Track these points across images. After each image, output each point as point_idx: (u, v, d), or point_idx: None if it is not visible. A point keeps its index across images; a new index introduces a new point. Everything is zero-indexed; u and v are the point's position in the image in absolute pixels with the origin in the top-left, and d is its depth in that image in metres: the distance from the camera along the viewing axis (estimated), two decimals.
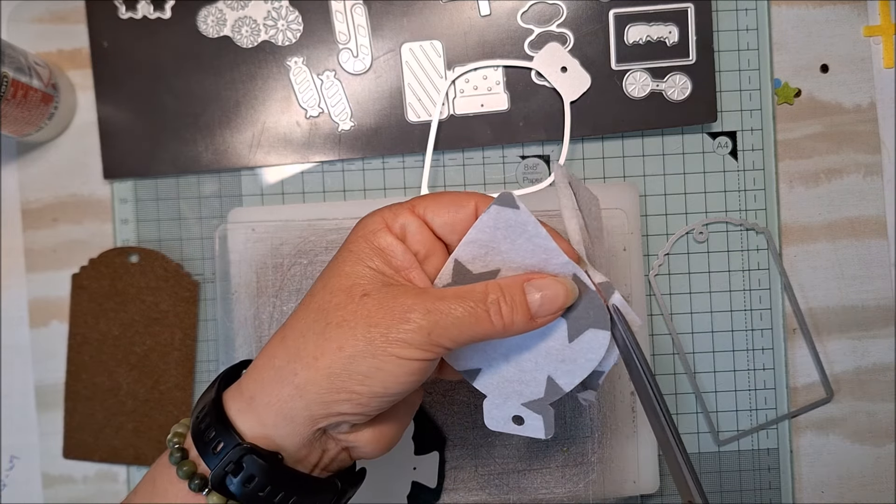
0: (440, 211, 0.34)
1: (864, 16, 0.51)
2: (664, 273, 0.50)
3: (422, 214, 0.34)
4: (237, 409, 0.32)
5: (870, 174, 0.51)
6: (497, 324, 0.31)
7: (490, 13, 0.49)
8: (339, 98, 0.50)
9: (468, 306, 0.31)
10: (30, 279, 0.51)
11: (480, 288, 0.32)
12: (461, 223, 0.34)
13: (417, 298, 0.31)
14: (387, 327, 0.30)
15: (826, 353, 0.51)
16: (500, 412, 0.35)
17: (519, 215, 0.32)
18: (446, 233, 0.34)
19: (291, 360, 0.32)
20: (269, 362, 0.32)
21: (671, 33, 0.49)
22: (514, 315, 0.31)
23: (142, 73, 0.50)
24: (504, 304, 0.31)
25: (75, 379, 0.50)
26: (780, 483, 0.50)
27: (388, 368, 0.30)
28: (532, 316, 0.32)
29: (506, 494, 0.48)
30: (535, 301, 0.32)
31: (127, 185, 0.51)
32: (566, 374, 0.33)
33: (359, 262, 0.32)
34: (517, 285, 0.32)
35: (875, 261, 0.51)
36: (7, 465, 0.51)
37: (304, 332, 0.32)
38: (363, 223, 0.34)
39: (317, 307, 0.32)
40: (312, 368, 0.31)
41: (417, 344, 0.30)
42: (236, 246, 0.48)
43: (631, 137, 0.50)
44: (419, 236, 0.33)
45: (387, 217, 0.34)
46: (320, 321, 0.32)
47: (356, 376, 0.31)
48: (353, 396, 0.31)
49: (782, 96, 0.50)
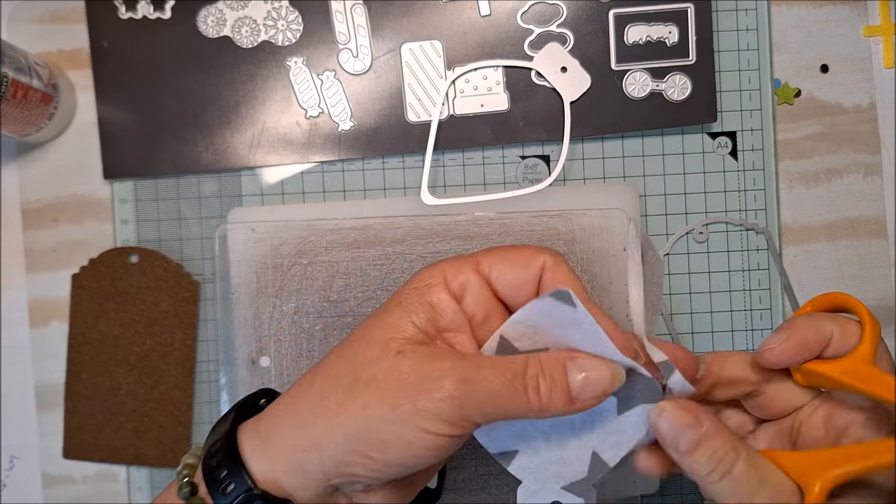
0: (506, 270, 0.31)
1: (864, 16, 0.51)
2: (664, 273, 0.50)
3: (486, 274, 0.32)
4: (251, 447, 0.31)
5: (870, 174, 0.51)
6: (534, 402, 0.29)
7: (490, 13, 0.49)
8: (339, 98, 0.50)
9: (505, 379, 0.29)
10: (30, 279, 0.51)
11: (521, 360, 0.29)
12: (528, 284, 0.31)
13: (454, 363, 0.29)
14: (416, 393, 0.28)
15: None
16: (535, 498, 0.32)
17: (576, 314, 0.29)
18: (510, 294, 0.32)
19: (314, 409, 0.30)
20: (291, 407, 0.31)
21: (671, 33, 0.49)
22: (551, 395, 0.29)
23: (142, 73, 0.50)
24: (543, 382, 0.29)
25: (75, 379, 0.50)
26: None
27: (410, 440, 0.28)
28: (572, 398, 0.29)
29: (506, 494, 0.48)
30: (577, 382, 0.29)
31: (127, 185, 0.51)
32: (612, 447, 0.31)
33: (403, 316, 0.30)
34: (559, 362, 0.29)
35: (875, 261, 0.51)
36: (7, 465, 0.51)
37: (334, 382, 0.30)
38: (420, 275, 0.32)
39: (349, 356, 0.30)
40: (333, 423, 0.29)
41: (446, 416, 0.28)
42: (236, 246, 0.48)
43: (631, 137, 0.50)
44: (480, 297, 0.31)
45: (447, 272, 0.31)
46: (350, 374, 0.30)
47: (375, 442, 0.29)
48: (367, 462, 0.29)
49: (782, 96, 0.50)
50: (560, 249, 0.47)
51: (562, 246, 0.47)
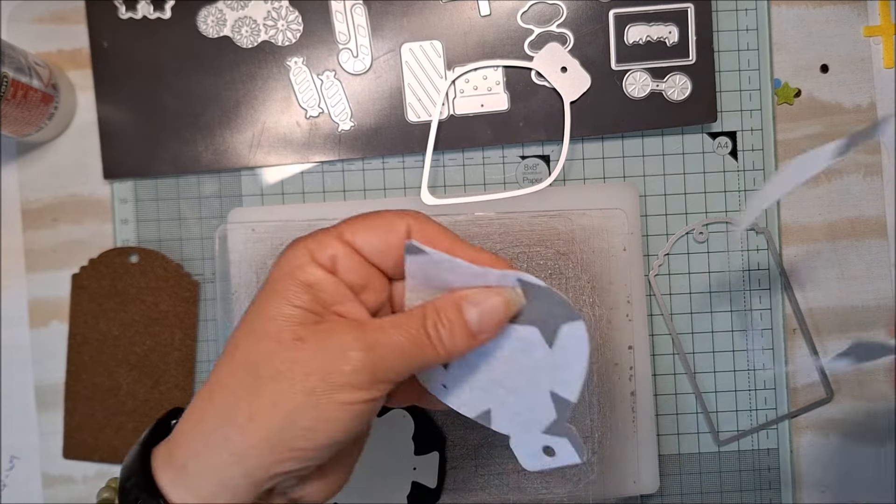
0: (370, 237, 0.31)
1: (864, 16, 0.51)
2: (664, 273, 0.50)
3: (351, 241, 0.31)
4: (170, 481, 0.29)
5: (870, 174, 0.51)
6: (440, 348, 0.29)
7: (490, 13, 0.49)
8: (339, 98, 0.50)
9: (409, 334, 0.29)
10: (30, 279, 0.51)
11: (418, 312, 0.30)
12: (395, 248, 0.31)
13: (355, 333, 0.29)
14: (326, 372, 0.28)
15: (826, 354, 0.51)
16: (528, 448, 0.33)
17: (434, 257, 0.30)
18: (380, 260, 0.31)
19: (222, 423, 0.28)
20: (197, 426, 0.29)
21: (671, 33, 0.49)
22: (453, 337, 0.29)
23: (142, 73, 0.50)
24: (442, 328, 0.29)
25: (75, 379, 0.50)
26: (780, 483, 0.50)
27: (334, 417, 0.28)
28: (474, 334, 0.30)
29: (506, 494, 0.48)
30: (474, 318, 0.30)
31: (127, 185, 0.51)
32: (565, 384, 0.31)
33: (285, 303, 0.29)
34: (453, 304, 0.30)
35: (875, 261, 0.51)
36: (7, 465, 0.51)
37: (234, 389, 0.29)
38: (286, 257, 0.30)
39: (243, 359, 0.29)
40: (247, 432, 0.28)
41: (362, 384, 0.28)
42: (236, 246, 0.48)
43: (631, 137, 0.50)
44: (352, 266, 0.30)
45: (312, 248, 0.30)
46: (250, 375, 0.28)
47: (299, 432, 0.28)
48: (296, 454, 0.28)
49: (782, 96, 0.50)
50: (560, 249, 0.47)
51: (562, 246, 0.47)
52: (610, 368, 0.48)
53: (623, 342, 0.48)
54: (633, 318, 0.48)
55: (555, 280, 0.47)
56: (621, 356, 0.48)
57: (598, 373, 0.48)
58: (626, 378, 0.48)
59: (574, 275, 0.48)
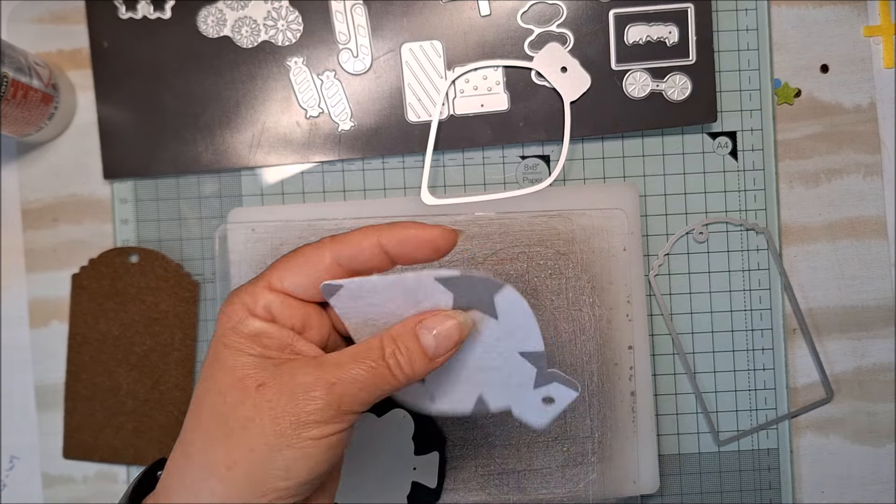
0: (296, 277, 0.31)
1: (864, 16, 0.51)
2: (664, 273, 0.50)
3: (280, 288, 0.31)
4: None
5: (870, 174, 0.51)
6: (400, 376, 0.30)
7: (490, 13, 0.49)
8: (339, 98, 0.50)
9: (368, 367, 0.30)
10: (30, 279, 0.51)
11: (376, 343, 0.31)
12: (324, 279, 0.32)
13: (316, 373, 0.29)
14: (294, 414, 0.29)
15: (826, 353, 0.51)
16: (530, 409, 0.34)
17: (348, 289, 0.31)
18: (313, 295, 0.32)
19: (203, 476, 0.29)
20: (179, 483, 0.30)
21: (671, 33, 0.49)
22: (413, 364, 0.31)
23: (142, 73, 0.50)
24: (401, 356, 0.30)
25: (75, 379, 0.50)
26: (780, 483, 0.50)
27: (308, 453, 0.29)
28: (431, 358, 0.31)
29: (506, 494, 0.48)
30: (430, 344, 0.31)
31: (127, 185, 0.51)
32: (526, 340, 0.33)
33: (239, 354, 0.30)
34: (409, 332, 0.31)
35: (875, 261, 0.51)
36: (7, 465, 0.51)
37: (208, 442, 0.30)
38: (226, 312, 0.31)
39: (210, 412, 0.30)
40: (228, 480, 0.29)
41: (329, 419, 0.29)
42: (236, 246, 0.48)
43: (631, 137, 0.50)
44: (288, 311, 0.31)
45: (246, 301, 0.31)
46: (221, 427, 0.29)
47: (277, 472, 0.29)
48: (278, 493, 0.29)
49: (782, 96, 0.50)
50: (560, 249, 0.47)
51: (562, 246, 0.47)
52: (610, 368, 0.48)
53: (623, 342, 0.48)
54: (633, 318, 0.48)
55: (555, 280, 0.47)
56: (621, 356, 0.48)
57: (598, 373, 0.48)
58: (626, 378, 0.48)
59: (574, 275, 0.48)
